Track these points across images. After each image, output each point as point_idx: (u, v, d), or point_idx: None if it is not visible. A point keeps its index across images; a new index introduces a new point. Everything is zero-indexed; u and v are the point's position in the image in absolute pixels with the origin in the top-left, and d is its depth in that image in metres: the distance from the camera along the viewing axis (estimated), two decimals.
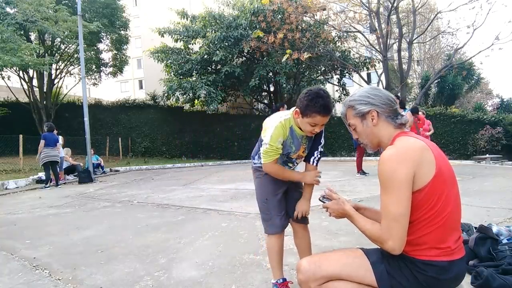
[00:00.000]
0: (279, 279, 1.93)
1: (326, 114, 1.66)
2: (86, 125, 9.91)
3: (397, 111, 1.37)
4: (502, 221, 3.25)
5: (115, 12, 17.10)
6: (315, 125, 1.69)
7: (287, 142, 1.81)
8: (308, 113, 1.65)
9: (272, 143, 1.75)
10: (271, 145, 1.76)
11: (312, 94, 1.64)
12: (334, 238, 3.02)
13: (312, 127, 1.70)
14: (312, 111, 1.64)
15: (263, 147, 1.80)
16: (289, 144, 1.82)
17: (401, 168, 1.19)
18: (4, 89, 16.51)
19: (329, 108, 1.65)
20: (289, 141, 1.81)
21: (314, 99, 1.62)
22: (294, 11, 13.71)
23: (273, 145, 1.75)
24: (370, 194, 5.07)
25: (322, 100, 1.62)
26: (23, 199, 6.46)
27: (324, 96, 1.64)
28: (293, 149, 1.85)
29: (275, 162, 1.83)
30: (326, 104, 1.63)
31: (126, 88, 39.23)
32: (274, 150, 1.77)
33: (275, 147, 1.76)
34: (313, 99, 1.62)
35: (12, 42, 11.19)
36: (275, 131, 1.74)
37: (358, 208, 1.56)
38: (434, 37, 20.49)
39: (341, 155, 15.98)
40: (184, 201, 5.37)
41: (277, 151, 1.78)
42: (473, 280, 1.93)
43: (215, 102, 14.93)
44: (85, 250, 3.01)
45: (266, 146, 1.77)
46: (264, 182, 1.94)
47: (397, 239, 1.20)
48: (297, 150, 1.86)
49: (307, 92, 1.67)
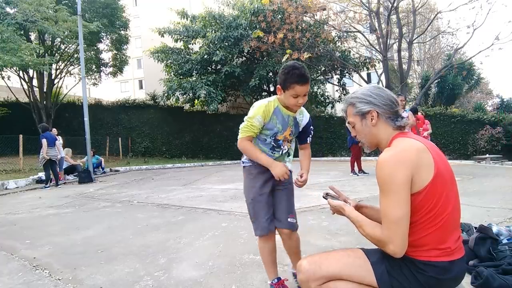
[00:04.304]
0: (273, 279, 1.94)
1: (304, 82, 1.73)
2: (86, 125, 9.91)
3: (398, 113, 1.37)
4: (502, 221, 3.24)
5: (115, 12, 17.10)
6: (297, 96, 1.76)
7: (271, 122, 1.85)
8: (288, 85, 1.74)
9: (249, 119, 1.84)
10: (248, 120, 1.85)
11: (288, 67, 1.75)
12: (334, 238, 3.02)
13: (295, 99, 1.77)
14: (291, 82, 1.72)
15: (242, 123, 1.89)
16: (274, 124, 1.86)
17: (398, 171, 1.19)
18: (4, 89, 16.51)
19: (306, 76, 1.73)
20: (274, 121, 1.86)
21: (290, 71, 1.73)
22: (294, 11, 13.72)
23: (250, 121, 1.84)
24: (370, 194, 5.07)
25: (298, 71, 1.72)
26: (23, 199, 6.46)
27: (299, 67, 1.74)
28: (280, 129, 1.88)
29: (249, 139, 1.88)
30: (302, 73, 1.72)
31: (126, 88, 39.24)
32: (249, 126, 1.84)
33: (250, 123, 1.83)
34: (290, 71, 1.73)
35: (12, 42, 11.19)
36: (256, 109, 1.84)
37: (361, 207, 1.56)
38: (434, 37, 20.52)
39: (341, 155, 15.98)
40: (184, 201, 5.37)
41: (252, 128, 1.84)
42: (473, 280, 1.93)
43: (215, 102, 14.93)
44: (85, 250, 3.01)
45: (243, 122, 1.87)
46: (250, 182, 1.95)
47: (398, 243, 1.19)
48: (283, 131, 1.89)
49: (284, 67, 1.78)
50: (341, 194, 1.59)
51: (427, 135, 8.61)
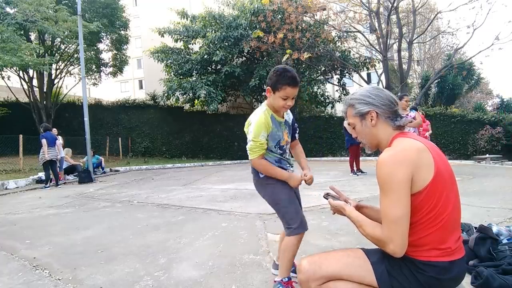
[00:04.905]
0: (284, 278, 1.93)
1: (295, 85, 1.78)
2: (86, 125, 9.91)
3: (397, 113, 1.37)
4: (502, 221, 3.24)
5: (115, 12, 17.10)
6: (286, 98, 1.80)
7: (273, 131, 1.88)
8: (279, 87, 1.78)
9: (256, 139, 1.83)
10: (254, 141, 1.84)
11: (280, 69, 1.80)
12: (334, 238, 3.02)
13: (284, 101, 1.81)
14: (282, 84, 1.77)
15: (248, 144, 1.88)
16: (276, 133, 1.90)
17: (398, 170, 1.19)
18: (4, 89, 16.51)
19: (296, 79, 1.79)
20: (274, 130, 1.89)
21: (282, 73, 1.78)
22: (294, 11, 13.72)
23: (257, 141, 1.83)
24: (370, 194, 5.07)
25: (290, 73, 1.77)
26: (23, 199, 6.46)
27: (290, 70, 1.80)
28: (280, 136, 1.93)
29: (261, 157, 1.89)
30: (294, 76, 1.78)
31: (126, 88, 39.25)
32: (258, 146, 1.84)
33: (258, 142, 1.84)
34: (281, 74, 1.78)
35: (12, 42, 11.19)
36: (257, 127, 1.83)
37: (361, 207, 1.56)
38: (434, 37, 20.52)
39: (341, 155, 15.98)
40: (184, 201, 5.37)
41: (261, 146, 1.85)
42: (473, 280, 1.93)
43: (215, 102, 14.93)
44: (85, 250, 3.01)
45: (250, 143, 1.86)
46: (276, 187, 1.95)
47: (398, 242, 1.19)
48: (283, 136, 1.95)
49: (275, 69, 1.82)
50: (342, 194, 1.59)
51: (427, 136, 8.60)
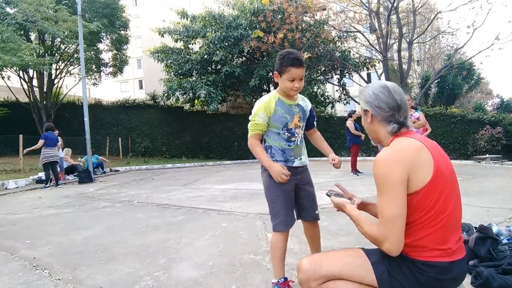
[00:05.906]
0: (280, 278, 1.93)
1: (299, 65, 1.84)
2: (86, 125, 9.91)
3: (394, 118, 1.33)
4: (502, 221, 3.24)
5: (115, 12, 17.10)
6: (293, 79, 1.85)
7: (277, 114, 1.94)
8: (284, 69, 1.85)
9: (253, 118, 1.95)
10: (251, 119, 1.96)
11: (284, 53, 1.88)
12: (334, 238, 3.02)
13: (291, 83, 1.86)
14: (286, 66, 1.83)
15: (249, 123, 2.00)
16: (282, 115, 1.95)
17: (394, 169, 1.19)
18: (4, 89, 16.51)
19: (300, 59, 1.85)
20: (280, 112, 1.94)
21: (285, 56, 1.85)
22: (294, 11, 13.71)
23: (253, 120, 1.94)
24: (370, 193, 5.07)
25: (292, 55, 1.84)
26: (23, 199, 6.46)
27: (293, 52, 1.87)
28: (288, 118, 1.97)
29: (256, 137, 1.98)
30: (296, 56, 1.84)
31: (126, 88, 39.24)
32: (253, 125, 1.95)
33: (254, 122, 1.94)
34: (285, 56, 1.85)
35: (12, 42, 11.19)
36: (257, 108, 1.94)
37: (366, 204, 1.58)
38: (434, 37, 20.52)
39: (341, 155, 15.97)
40: (184, 201, 5.37)
41: (256, 126, 1.94)
42: (473, 280, 1.93)
43: (215, 102, 14.93)
44: (85, 250, 3.00)
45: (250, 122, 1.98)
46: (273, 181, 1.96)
47: (393, 241, 1.19)
48: (292, 119, 1.98)
49: (279, 54, 1.90)
50: (347, 192, 1.61)
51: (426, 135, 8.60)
